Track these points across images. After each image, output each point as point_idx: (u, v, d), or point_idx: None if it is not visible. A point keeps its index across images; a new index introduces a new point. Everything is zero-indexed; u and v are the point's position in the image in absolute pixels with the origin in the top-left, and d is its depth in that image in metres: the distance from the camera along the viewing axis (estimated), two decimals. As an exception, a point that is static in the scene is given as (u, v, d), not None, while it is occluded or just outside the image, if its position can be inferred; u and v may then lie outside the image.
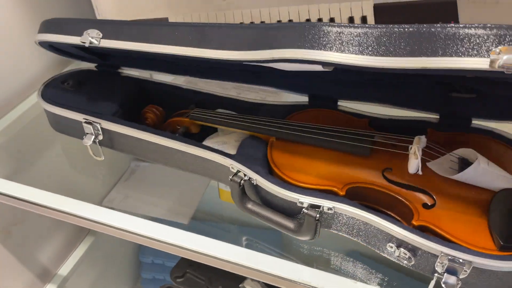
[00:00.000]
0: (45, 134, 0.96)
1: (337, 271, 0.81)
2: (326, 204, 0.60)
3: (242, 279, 1.04)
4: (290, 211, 0.64)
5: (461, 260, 0.52)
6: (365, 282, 0.58)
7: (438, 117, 0.72)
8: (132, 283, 1.48)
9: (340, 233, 0.64)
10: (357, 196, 0.63)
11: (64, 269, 1.24)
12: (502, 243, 0.53)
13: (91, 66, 0.93)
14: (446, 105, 0.72)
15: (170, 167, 0.78)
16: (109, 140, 0.79)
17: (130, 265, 1.48)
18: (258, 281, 1.07)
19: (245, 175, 0.66)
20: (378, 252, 0.61)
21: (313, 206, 0.61)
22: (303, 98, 0.80)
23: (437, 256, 0.54)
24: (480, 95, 0.68)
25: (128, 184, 1.09)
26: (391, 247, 0.58)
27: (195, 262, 0.81)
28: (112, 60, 0.91)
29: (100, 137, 0.77)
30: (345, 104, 0.78)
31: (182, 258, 1.15)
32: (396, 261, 0.60)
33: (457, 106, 0.72)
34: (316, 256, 0.80)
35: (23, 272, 1.11)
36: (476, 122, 0.71)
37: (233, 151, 0.72)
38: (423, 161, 0.63)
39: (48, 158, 1.03)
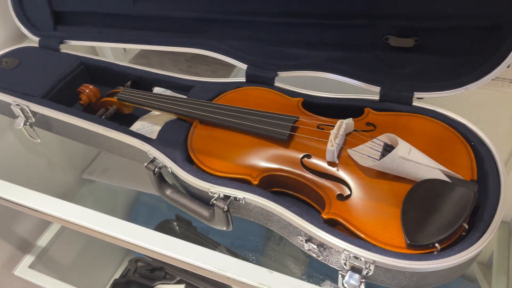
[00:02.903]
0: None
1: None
2: (236, 194, 0.57)
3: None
4: (206, 200, 0.61)
5: (362, 259, 0.49)
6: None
7: (379, 93, 0.66)
8: (124, 250, 1.50)
9: (256, 221, 0.61)
10: (274, 184, 0.60)
11: (44, 240, 1.27)
12: (408, 242, 0.48)
13: (33, 44, 0.91)
14: (387, 67, 0.67)
15: (105, 151, 0.76)
16: (43, 123, 0.77)
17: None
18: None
19: (161, 161, 0.63)
20: (292, 242, 0.58)
21: (224, 196, 0.58)
22: (242, 73, 0.75)
23: (341, 253, 0.50)
24: (418, 46, 0.65)
25: (109, 156, 1.09)
26: (301, 240, 0.55)
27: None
28: (62, 28, 0.89)
29: (32, 120, 0.75)
30: (284, 76, 0.72)
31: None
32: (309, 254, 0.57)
33: (398, 70, 0.67)
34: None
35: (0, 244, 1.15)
36: (418, 100, 0.65)
37: (160, 134, 0.69)
38: (346, 148, 0.58)
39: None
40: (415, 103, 0.65)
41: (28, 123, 0.76)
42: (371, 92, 0.67)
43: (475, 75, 0.61)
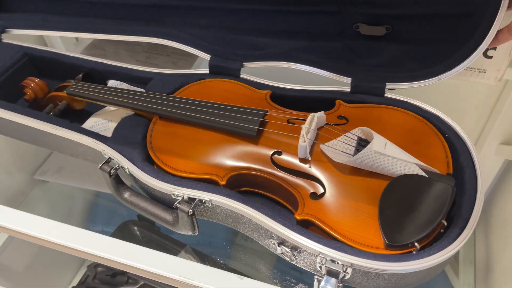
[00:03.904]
0: None
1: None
2: (202, 196, 0.52)
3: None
4: (169, 202, 0.56)
5: (339, 262, 0.45)
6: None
7: (350, 84, 0.63)
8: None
9: (224, 224, 0.56)
10: (243, 183, 0.56)
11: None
12: (387, 242, 0.46)
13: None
14: (357, 57, 0.64)
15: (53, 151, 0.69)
16: (-17, 121, 0.69)
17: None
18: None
19: (118, 162, 0.57)
20: (264, 246, 0.55)
21: (188, 198, 0.53)
22: (205, 64, 0.70)
23: (317, 256, 0.47)
24: (389, 35, 0.62)
25: (64, 155, 1.01)
26: (274, 243, 0.51)
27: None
28: (3, 16, 0.80)
29: (-31, 118, 0.67)
30: (251, 67, 0.68)
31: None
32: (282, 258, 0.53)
33: (369, 59, 0.64)
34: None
35: None
36: (391, 91, 0.62)
37: (116, 132, 0.63)
38: (318, 143, 0.55)
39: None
40: (387, 94, 0.62)
41: (-35, 122, 0.67)
42: (342, 84, 0.64)
43: (448, 64, 0.58)
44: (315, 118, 0.55)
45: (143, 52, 0.88)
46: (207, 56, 0.69)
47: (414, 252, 0.46)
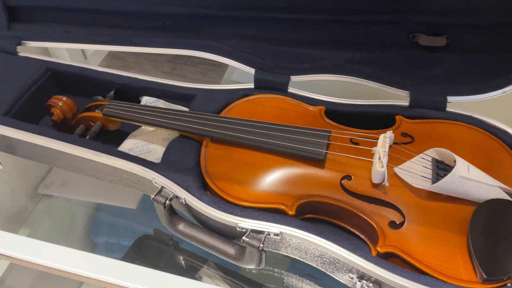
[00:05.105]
0: None
1: None
2: (271, 229, 0.48)
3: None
4: (230, 234, 0.52)
5: (435, 301, 0.42)
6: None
7: (408, 98, 0.60)
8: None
9: (292, 256, 0.53)
10: (311, 210, 0.52)
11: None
12: (485, 276, 0.42)
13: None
14: (414, 69, 0.61)
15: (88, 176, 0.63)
16: (6, 146, 0.63)
17: (82, 247, 1.36)
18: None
19: (172, 192, 0.52)
20: (336, 279, 0.51)
21: (255, 231, 0.49)
22: (248, 78, 0.65)
23: (406, 293, 0.43)
24: (448, 45, 0.59)
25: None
26: (352, 278, 0.48)
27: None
28: (18, 27, 0.73)
29: (-8, 143, 0.61)
30: (297, 80, 0.63)
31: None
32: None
33: (427, 71, 0.61)
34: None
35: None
36: (452, 106, 0.59)
37: (160, 154, 0.58)
38: (391, 166, 0.51)
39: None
40: (448, 108, 0.59)
41: (-13, 147, 0.61)
42: (398, 97, 0.61)
43: (515, 76, 0.56)
44: (387, 139, 0.51)
45: (168, 62, 0.83)
46: (251, 70, 0.64)
47: (509, 285, 0.43)
